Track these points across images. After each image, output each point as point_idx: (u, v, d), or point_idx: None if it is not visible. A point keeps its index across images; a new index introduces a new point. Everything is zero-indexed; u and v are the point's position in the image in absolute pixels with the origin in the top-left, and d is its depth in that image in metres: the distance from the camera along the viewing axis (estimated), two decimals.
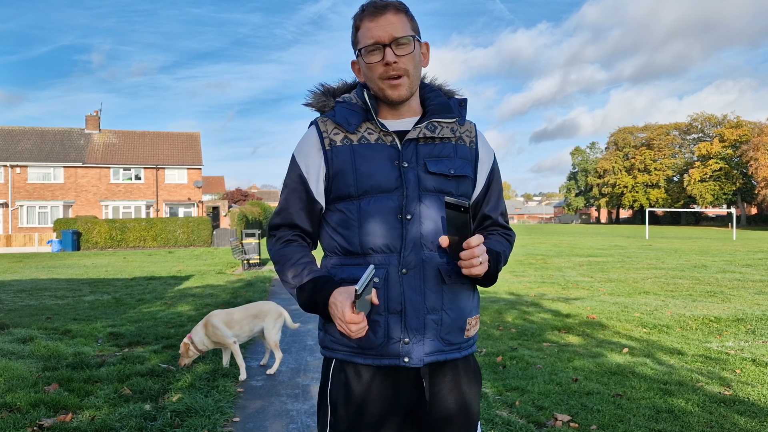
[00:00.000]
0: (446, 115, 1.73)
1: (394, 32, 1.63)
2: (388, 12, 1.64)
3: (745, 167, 72.03)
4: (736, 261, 17.92)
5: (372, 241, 1.65)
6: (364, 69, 1.70)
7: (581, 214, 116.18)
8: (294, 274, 1.68)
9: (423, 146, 1.69)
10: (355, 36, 1.70)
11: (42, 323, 7.65)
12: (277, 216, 1.79)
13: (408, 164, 1.67)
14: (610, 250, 24.14)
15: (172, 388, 4.68)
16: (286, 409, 4.35)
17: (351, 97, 1.76)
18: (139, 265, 19.00)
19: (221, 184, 79.03)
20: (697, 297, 10.05)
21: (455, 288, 1.68)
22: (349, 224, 1.68)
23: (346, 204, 1.69)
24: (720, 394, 4.50)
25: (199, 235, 32.50)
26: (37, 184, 40.69)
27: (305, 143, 1.76)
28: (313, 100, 1.82)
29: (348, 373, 1.69)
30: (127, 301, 10.14)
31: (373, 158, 1.67)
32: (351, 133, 1.70)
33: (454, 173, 1.69)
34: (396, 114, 1.74)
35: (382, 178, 1.65)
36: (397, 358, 1.64)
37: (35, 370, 5.24)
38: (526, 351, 5.95)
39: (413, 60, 1.67)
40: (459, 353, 1.71)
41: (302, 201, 1.74)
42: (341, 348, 1.69)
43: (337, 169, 1.68)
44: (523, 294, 10.43)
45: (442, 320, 1.66)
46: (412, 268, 1.63)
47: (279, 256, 1.75)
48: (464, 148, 1.76)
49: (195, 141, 45.74)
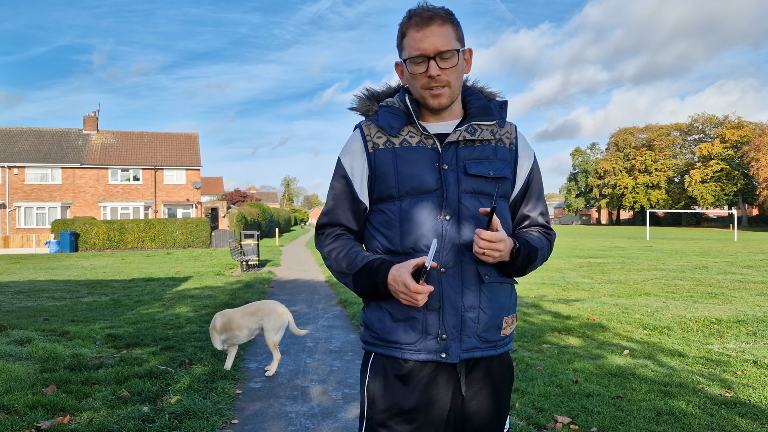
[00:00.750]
0: (486, 118, 1.78)
1: (439, 45, 1.67)
2: (434, 23, 1.67)
3: (747, 168, 72.12)
4: (738, 262, 17.93)
5: (412, 240, 1.71)
6: (407, 75, 1.76)
7: (581, 215, 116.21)
8: (348, 263, 1.75)
9: (463, 149, 1.74)
10: (400, 42, 1.75)
11: (40, 325, 7.64)
12: (324, 216, 1.87)
13: (448, 166, 1.72)
14: (611, 251, 24.15)
15: (170, 390, 4.68)
16: (285, 411, 4.35)
17: (394, 101, 1.83)
18: (138, 267, 18.99)
19: (220, 185, 79.05)
20: (698, 298, 10.05)
21: (493, 287, 1.74)
22: (390, 224, 1.75)
23: (388, 205, 1.76)
24: (721, 396, 4.51)
25: (197, 237, 32.49)
26: (34, 185, 40.68)
27: (350, 146, 1.83)
28: (358, 105, 1.89)
29: (386, 368, 1.75)
30: (126, 303, 10.14)
31: (414, 161, 1.73)
32: (393, 137, 1.77)
33: (493, 175, 1.74)
34: (438, 117, 1.79)
35: (422, 180, 1.71)
36: (435, 353, 1.70)
37: (33, 371, 5.24)
38: (526, 353, 5.95)
39: (456, 72, 1.71)
40: (495, 350, 1.77)
41: (348, 201, 1.82)
42: (380, 343, 1.76)
43: (380, 172, 1.76)
44: (523, 295, 10.43)
45: (479, 318, 1.71)
46: (451, 267, 1.69)
47: (330, 250, 1.82)
48: (504, 149, 1.80)
49: (193, 142, 45.75)
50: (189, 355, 5.89)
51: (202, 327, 7.48)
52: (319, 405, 4.48)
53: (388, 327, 1.74)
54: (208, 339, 6.69)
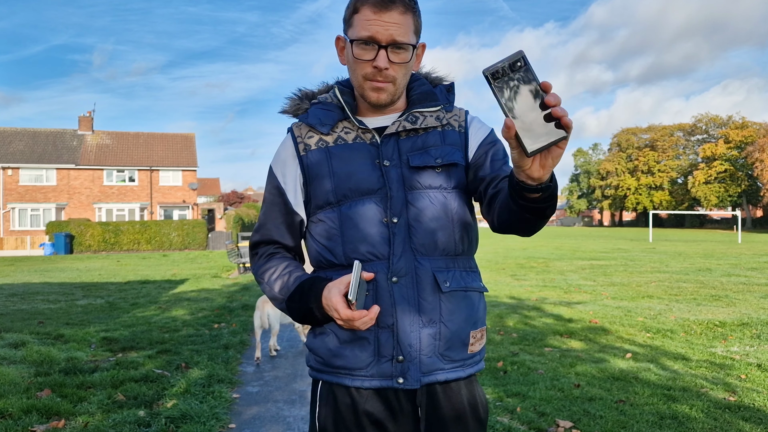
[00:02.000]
0: (429, 104, 1.60)
1: (395, 35, 1.47)
2: (395, 9, 1.47)
3: (751, 169, 72.15)
4: (742, 264, 17.94)
5: (356, 249, 1.51)
6: (349, 57, 1.55)
7: (583, 216, 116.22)
8: (280, 287, 1.57)
9: (405, 140, 1.56)
10: (350, 17, 1.52)
11: (34, 328, 7.64)
12: (256, 233, 1.67)
13: (390, 162, 1.54)
14: (613, 253, 24.16)
15: (166, 394, 4.68)
16: (283, 416, 4.35)
17: (327, 97, 1.65)
18: (133, 269, 18.98)
19: (217, 186, 79.09)
20: (701, 301, 10.06)
21: (455, 296, 1.53)
22: (331, 234, 1.55)
23: (326, 212, 1.56)
24: (725, 400, 4.51)
25: (194, 238, 32.48)
26: (29, 186, 40.67)
27: (281, 152, 1.65)
28: (288, 107, 1.70)
29: (337, 397, 1.54)
30: (121, 306, 10.13)
31: (350, 158, 1.55)
32: (325, 135, 1.59)
33: (441, 162, 1.54)
34: (377, 112, 1.60)
35: (361, 179, 1.53)
36: (390, 378, 1.49)
37: (27, 375, 5.24)
38: (528, 356, 5.96)
39: (405, 68, 1.54)
40: (463, 371, 1.55)
41: (281, 214, 1.63)
42: (327, 369, 1.55)
43: (314, 174, 1.57)
44: (524, 298, 10.44)
45: (441, 333, 1.50)
46: (403, 275, 1.49)
47: (262, 272, 1.63)
48: (453, 133, 1.60)
49: (190, 142, 45.75)
50: (185, 358, 5.89)
51: (199, 330, 7.48)
52: None
53: (334, 350, 1.52)
54: (204, 342, 6.70)
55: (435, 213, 1.53)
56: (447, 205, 1.55)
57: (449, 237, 1.54)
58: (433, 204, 1.53)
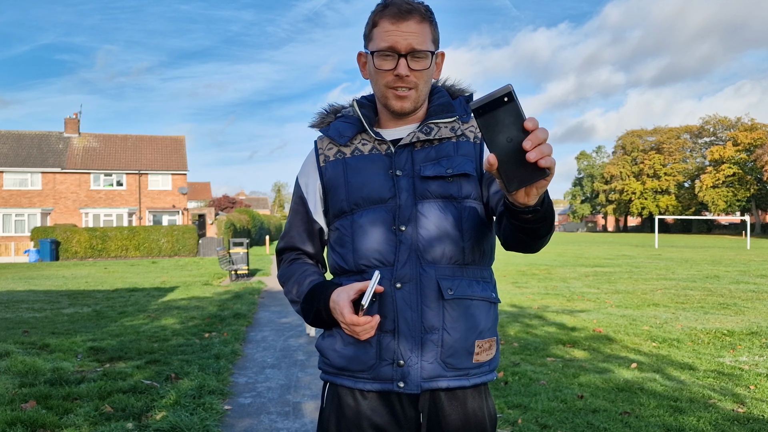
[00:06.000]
0: (445, 115, 1.68)
1: (414, 43, 1.57)
2: (412, 19, 1.57)
3: (760, 173, 72.31)
4: (751, 271, 17.99)
5: (364, 255, 1.62)
6: (371, 70, 1.65)
7: (587, 221, 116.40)
8: (297, 289, 1.70)
9: (419, 151, 1.65)
10: (370, 31, 1.64)
11: (19, 337, 7.63)
12: (282, 240, 1.82)
13: (402, 172, 1.63)
14: (618, 259, 24.21)
15: (155, 406, 4.68)
16: (276, 428, 4.36)
17: (350, 111, 1.77)
18: (121, 276, 18.95)
19: (207, 191, 79.06)
20: (709, 309, 10.09)
21: (460, 304, 1.58)
22: (343, 241, 1.67)
23: (341, 221, 1.68)
24: (733, 412, 4.53)
25: (184, 245, 32.46)
26: (13, 190, 40.57)
27: (305, 163, 1.80)
28: (316, 121, 1.82)
29: (341, 398, 1.65)
30: (109, 314, 10.12)
31: (365, 169, 1.66)
32: (343, 146, 1.71)
33: (452, 172, 1.61)
34: (398, 122, 1.70)
35: (373, 189, 1.63)
36: (391, 382, 1.57)
37: (11, 386, 5.23)
38: (529, 366, 5.97)
39: (426, 75, 1.63)
40: (467, 380, 1.60)
41: (303, 223, 1.78)
42: (333, 370, 1.66)
43: (331, 185, 1.70)
44: (525, 306, 10.45)
45: (443, 340, 1.56)
46: (407, 282, 1.57)
47: (283, 278, 1.77)
48: (467, 144, 1.67)
49: (180, 145, 45.74)
50: (175, 369, 5.88)
51: (189, 339, 7.48)
52: (311, 422, 4.48)
53: (339, 352, 1.63)
54: (195, 352, 6.70)
55: (443, 222, 1.60)
56: (457, 215, 1.61)
57: (457, 246, 1.60)
58: (442, 213, 1.61)
